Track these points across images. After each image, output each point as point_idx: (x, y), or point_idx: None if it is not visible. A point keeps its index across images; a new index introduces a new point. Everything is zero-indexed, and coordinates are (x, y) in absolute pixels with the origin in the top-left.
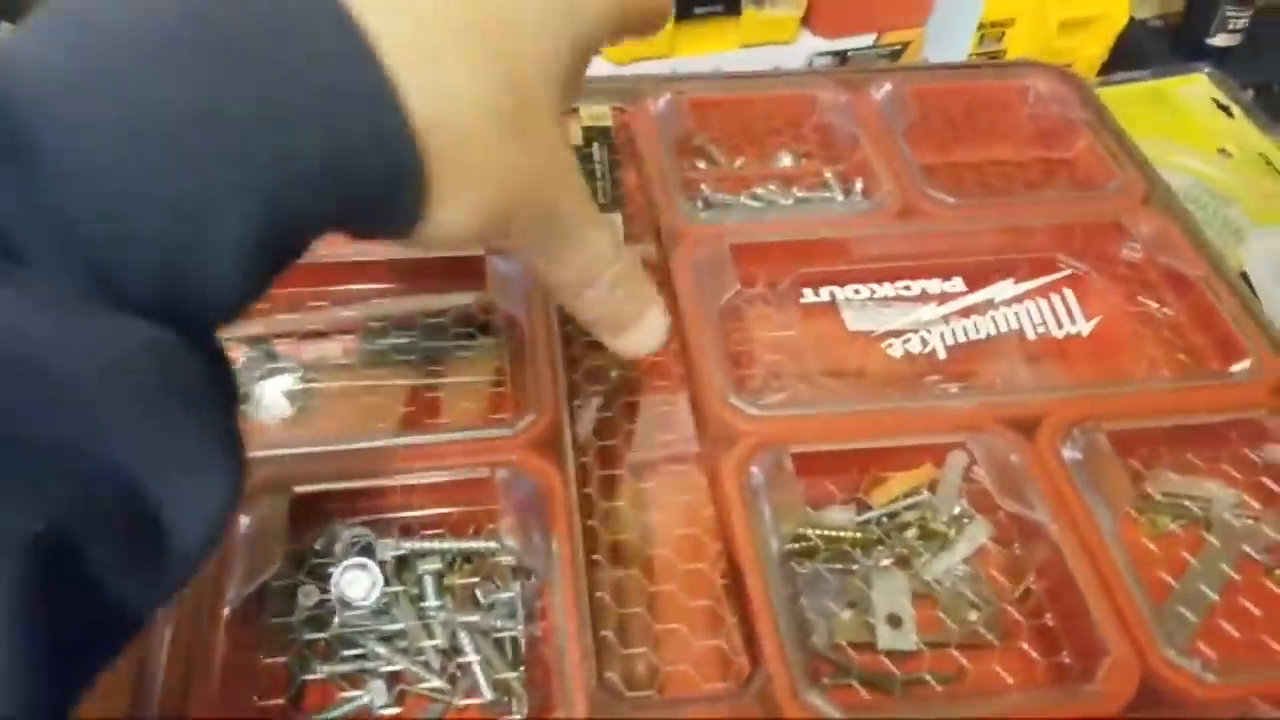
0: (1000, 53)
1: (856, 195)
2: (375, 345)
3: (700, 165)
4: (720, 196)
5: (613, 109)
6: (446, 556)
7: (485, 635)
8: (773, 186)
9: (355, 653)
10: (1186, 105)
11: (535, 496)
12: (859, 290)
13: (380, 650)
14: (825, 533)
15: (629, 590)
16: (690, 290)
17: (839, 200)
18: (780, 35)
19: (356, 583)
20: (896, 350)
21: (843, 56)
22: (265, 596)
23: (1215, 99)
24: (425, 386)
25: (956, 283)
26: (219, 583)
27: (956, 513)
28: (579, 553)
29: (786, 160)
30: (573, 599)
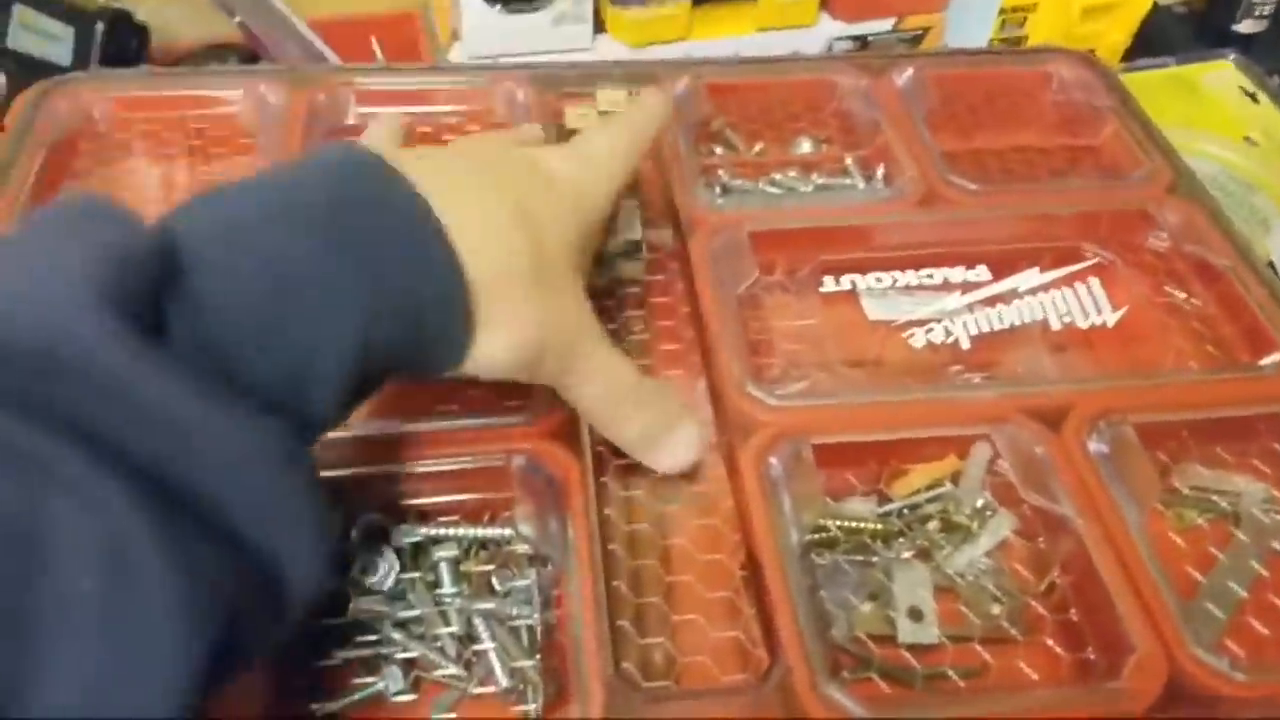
0: (1021, 38)
1: (878, 182)
2: None
3: (718, 151)
4: (739, 183)
5: (629, 93)
6: (463, 543)
7: (501, 622)
8: (792, 173)
9: (371, 638)
10: (1212, 92)
11: (552, 485)
12: (880, 278)
13: (396, 636)
14: (845, 524)
15: (646, 580)
16: (708, 278)
17: (860, 187)
18: (799, 19)
19: (374, 568)
20: (919, 340)
21: (862, 41)
22: None
23: (1241, 86)
24: None
25: (980, 271)
26: None
27: (979, 505)
28: (595, 541)
29: (806, 146)
30: (589, 588)
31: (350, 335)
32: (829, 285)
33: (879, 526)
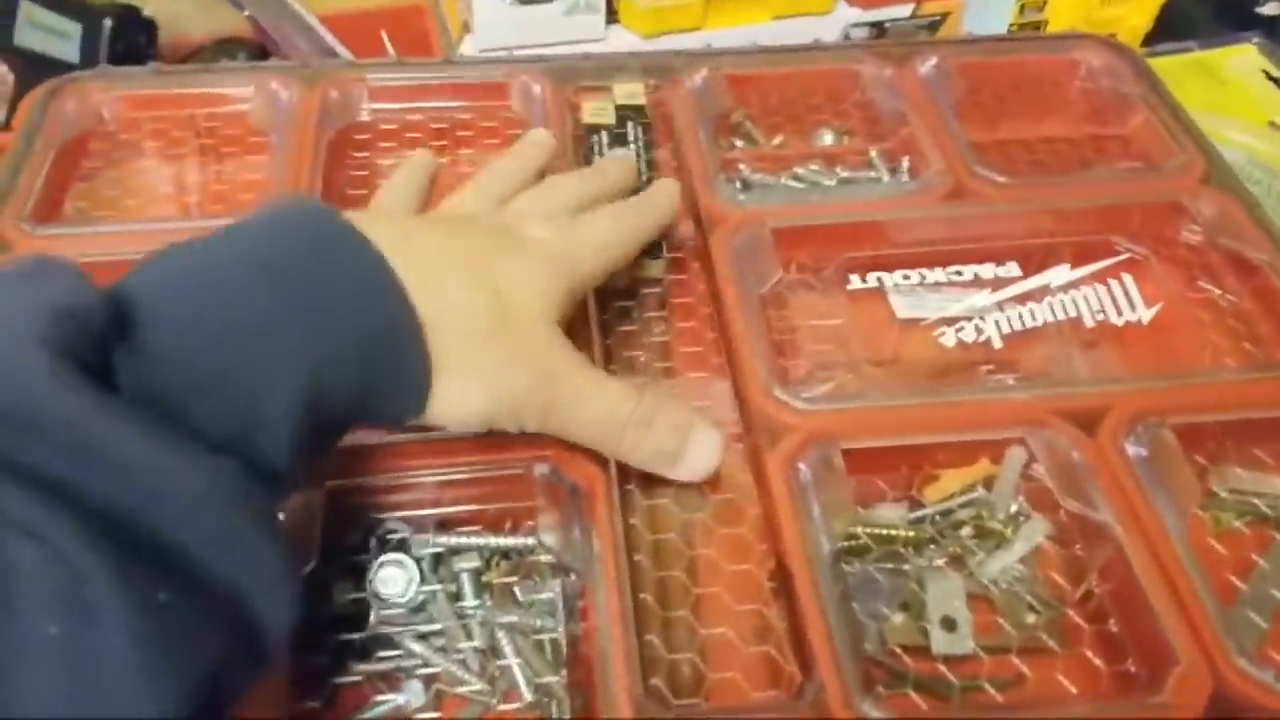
0: (1041, 22)
1: (903, 175)
2: None
3: (738, 144)
4: (760, 177)
5: (646, 86)
6: (484, 553)
7: (525, 636)
8: (815, 166)
9: (392, 653)
10: (1234, 77)
11: (575, 493)
12: (908, 275)
13: (417, 649)
14: (876, 531)
15: (673, 592)
16: (731, 276)
17: (884, 180)
18: (815, 6)
19: (393, 580)
20: (949, 339)
21: (880, 27)
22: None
23: (1265, 70)
24: None
25: (1010, 267)
26: None
27: (1013, 511)
28: (621, 552)
29: (828, 138)
30: (615, 600)
31: (296, 382)
32: (855, 283)
33: (911, 534)
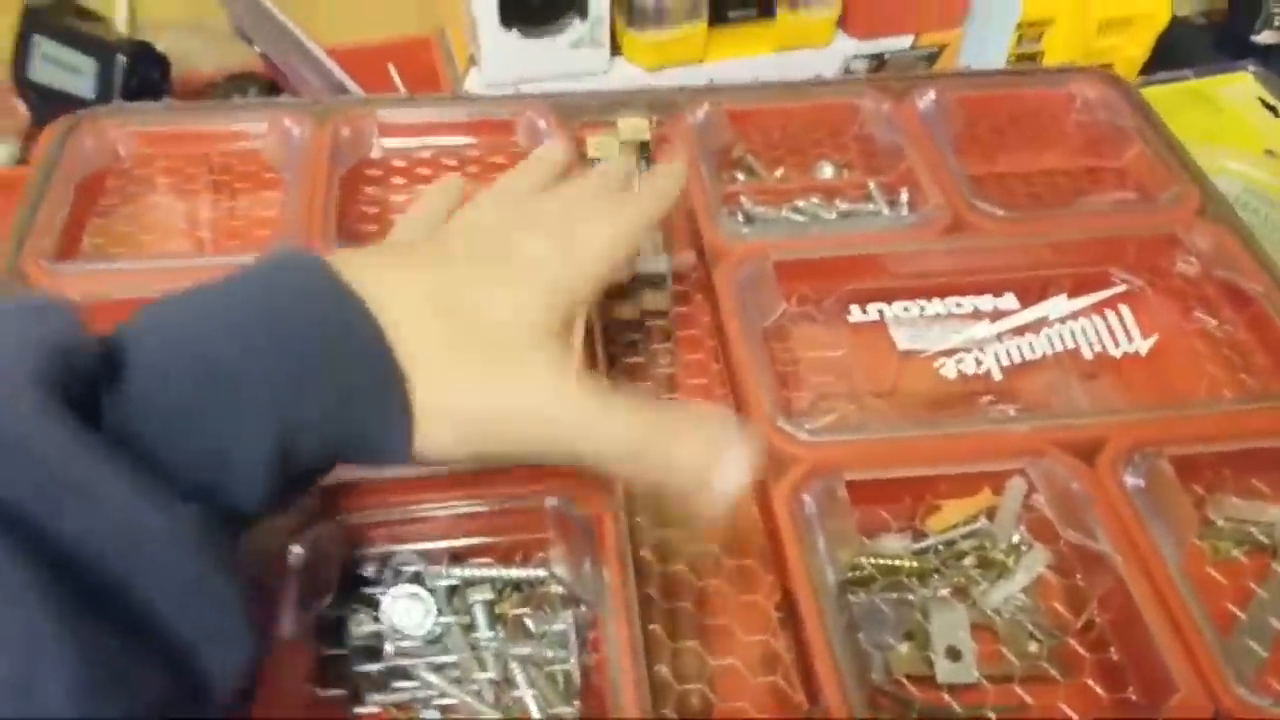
0: (1039, 54)
1: (901, 207)
2: None
3: (740, 178)
4: (761, 210)
5: (651, 121)
6: (496, 585)
7: (538, 667)
8: (815, 199)
9: (408, 684)
10: (1231, 105)
11: (585, 525)
12: (908, 308)
13: (433, 681)
14: (881, 562)
15: (682, 622)
16: (734, 309)
17: (884, 213)
18: (816, 39)
19: (410, 612)
20: (950, 370)
21: (879, 59)
22: (318, 626)
23: (1261, 98)
24: None
25: (1008, 299)
26: (274, 613)
27: (1015, 541)
28: (631, 585)
29: (828, 171)
30: (626, 632)
31: (268, 430)
32: (856, 315)
33: (915, 564)
